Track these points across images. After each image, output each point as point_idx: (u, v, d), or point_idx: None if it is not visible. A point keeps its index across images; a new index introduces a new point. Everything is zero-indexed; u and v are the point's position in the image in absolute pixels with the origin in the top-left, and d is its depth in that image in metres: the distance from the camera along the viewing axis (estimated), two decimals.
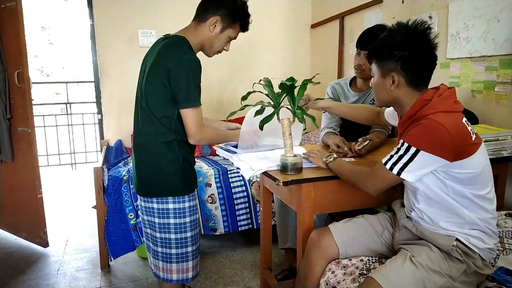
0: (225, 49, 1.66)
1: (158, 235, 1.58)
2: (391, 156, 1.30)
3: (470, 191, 1.27)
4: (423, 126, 1.23)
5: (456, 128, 1.22)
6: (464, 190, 1.26)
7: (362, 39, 2.14)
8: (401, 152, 1.26)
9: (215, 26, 1.57)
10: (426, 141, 1.21)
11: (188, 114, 1.48)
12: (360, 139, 1.93)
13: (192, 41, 1.55)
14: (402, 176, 1.27)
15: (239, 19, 1.60)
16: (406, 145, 1.25)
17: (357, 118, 1.84)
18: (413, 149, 1.23)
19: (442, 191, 1.28)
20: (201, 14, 1.58)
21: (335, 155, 1.56)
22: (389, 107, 1.57)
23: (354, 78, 2.34)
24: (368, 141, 1.88)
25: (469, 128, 1.28)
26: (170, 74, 1.45)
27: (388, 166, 1.29)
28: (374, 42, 1.41)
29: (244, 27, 1.64)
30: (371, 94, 2.25)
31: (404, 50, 1.29)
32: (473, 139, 1.26)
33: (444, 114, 1.24)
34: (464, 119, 1.29)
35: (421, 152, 1.21)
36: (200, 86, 1.52)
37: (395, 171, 1.28)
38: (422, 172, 1.26)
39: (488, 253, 1.31)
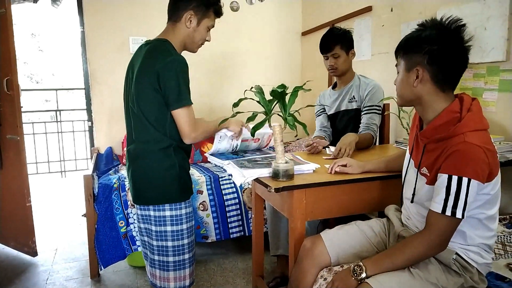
0: (207, 40, 1.66)
1: (155, 243, 1.57)
2: (445, 200, 1.16)
3: (482, 211, 1.23)
4: (463, 153, 1.15)
5: (490, 149, 1.18)
6: (477, 212, 1.23)
7: (323, 44, 2.33)
8: (453, 188, 1.15)
9: (191, 21, 1.57)
10: (471, 168, 1.14)
11: (181, 114, 1.47)
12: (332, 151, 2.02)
13: (173, 42, 1.56)
14: (465, 216, 1.16)
15: (211, 5, 1.60)
16: (455, 178, 1.15)
17: (393, 168, 1.67)
18: (465, 180, 1.14)
19: None
20: (174, 14, 1.58)
21: (359, 263, 1.27)
22: (410, 105, 1.42)
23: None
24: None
25: (495, 147, 1.23)
26: (159, 76, 1.45)
27: (448, 212, 1.16)
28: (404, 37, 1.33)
29: (218, 12, 1.64)
30: (349, 92, 2.39)
31: (433, 44, 1.23)
32: (498, 158, 1.23)
33: (478, 134, 1.19)
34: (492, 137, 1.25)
35: (472, 181, 1.14)
36: (189, 85, 1.52)
37: (459, 214, 1.15)
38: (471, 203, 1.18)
39: (486, 268, 1.30)
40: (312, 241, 1.50)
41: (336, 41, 2.28)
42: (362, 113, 2.31)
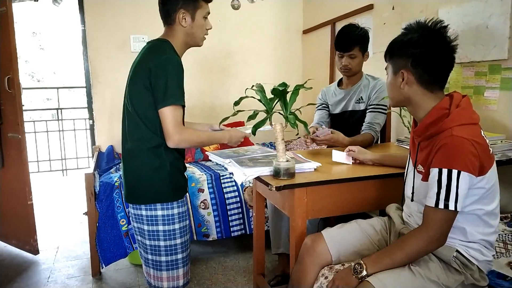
0: (208, 29, 1.63)
1: (147, 242, 1.57)
2: (437, 193, 1.18)
3: (480, 207, 1.23)
4: (451, 146, 1.17)
5: (479, 142, 1.18)
6: (475, 207, 1.23)
7: (342, 42, 2.24)
8: (444, 181, 1.16)
9: (185, 19, 1.54)
10: (459, 160, 1.15)
11: (165, 113, 1.42)
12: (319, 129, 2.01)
13: (174, 43, 1.55)
14: (459, 208, 1.17)
15: None
16: (445, 171, 1.16)
17: (398, 163, 1.71)
18: (454, 172, 1.15)
19: None
20: (167, 18, 1.57)
21: (360, 261, 1.28)
22: (402, 106, 1.47)
23: (342, 78, 2.48)
24: (326, 129, 1.97)
25: (487, 141, 1.24)
26: (151, 74, 1.44)
27: (441, 205, 1.17)
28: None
29: None
30: (357, 92, 2.35)
31: (416, 48, 1.26)
32: (491, 152, 1.23)
33: (466, 127, 1.20)
34: (482, 132, 1.25)
35: (462, 173, 1.15)
36: (183, 86, 1.48)
37: (451, 207, 1.16)
38: (465, 196, 1.18)
39: (486, 265, 1.30)
40: (313, 239, 1.50)
41: (356, 42, 2.22)
42: (367, 111, 2.28)
